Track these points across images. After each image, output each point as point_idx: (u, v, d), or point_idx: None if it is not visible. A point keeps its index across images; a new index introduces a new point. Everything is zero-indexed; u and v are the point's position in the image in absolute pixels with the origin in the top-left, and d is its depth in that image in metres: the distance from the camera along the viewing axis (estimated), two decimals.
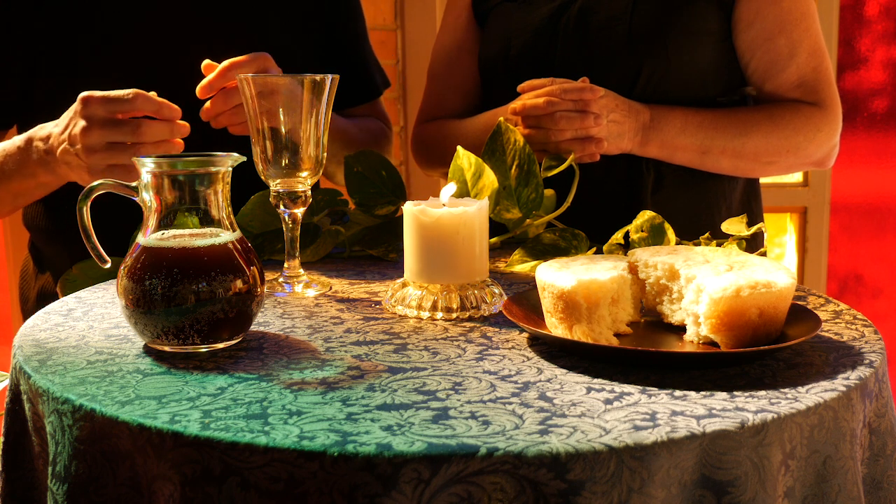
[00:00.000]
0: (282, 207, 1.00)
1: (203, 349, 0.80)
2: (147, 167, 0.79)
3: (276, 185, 0.99)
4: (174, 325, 0.78)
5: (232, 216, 0.84)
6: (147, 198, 0.81)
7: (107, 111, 1.04)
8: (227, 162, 0.81)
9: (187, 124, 1.08)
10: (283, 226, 1.02)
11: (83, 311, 0.94)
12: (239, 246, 0.82)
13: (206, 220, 0.81)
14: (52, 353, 0.80)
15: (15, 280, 2.23)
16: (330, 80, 0.97)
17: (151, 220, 0.81)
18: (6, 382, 0.83)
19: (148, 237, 0.80)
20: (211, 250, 0.79)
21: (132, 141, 1.05)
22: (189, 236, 0.80)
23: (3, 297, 2.27)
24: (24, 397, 0.77)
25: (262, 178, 1.01)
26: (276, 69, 1.15)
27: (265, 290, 0.87)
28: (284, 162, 0.98)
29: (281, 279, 1.03)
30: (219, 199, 0.82)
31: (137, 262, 0.79)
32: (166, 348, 0.79)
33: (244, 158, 0.84)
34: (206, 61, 1.13)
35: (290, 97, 0.96)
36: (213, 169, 0.81)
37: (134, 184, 0.82)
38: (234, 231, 0.83)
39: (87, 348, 0.81)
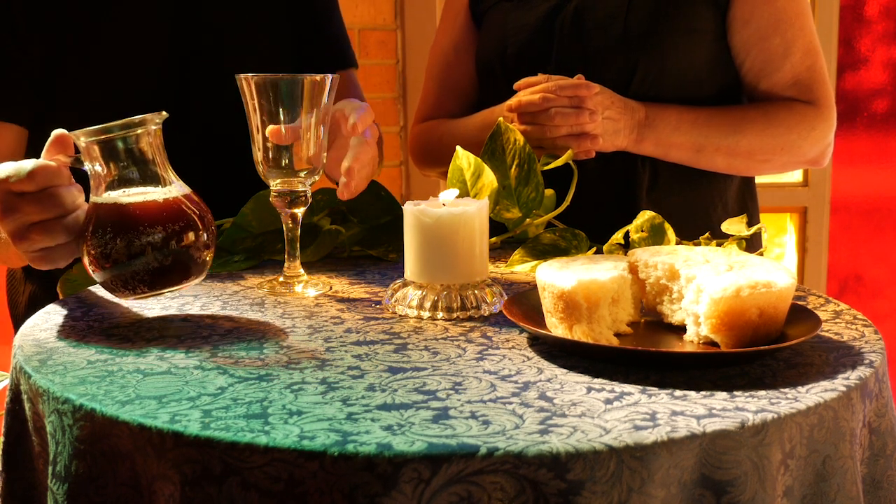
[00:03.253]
0: (282, 207, 1.00)
1: (150, 296, 0.87)
2: (82, 139, 0.85)
3: (276, 185, 0.99)
4: (117, 277, 0.84)
5: (172, 171, 0.89)
6: (89, 167, 0.86)
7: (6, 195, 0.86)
8: (156, 119, 0.86)
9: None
10: (283, 226, 1.02)
11: (83, 311, 0.94)
12: (177, 198, 0.87)
13: (151, 177, 0.87)
14: (53, 353, 0.80)
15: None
16: (330, 80, 0.98)
17: (101, 188, 0.86)
18: (6, 382, 0.83)
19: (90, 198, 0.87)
20: (142, 206, 0.85)
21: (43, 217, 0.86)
22: (122, 195, 0.86)
23: (3, 297, 2.27)
24: (25, 397, 0.77)
25: (262, 178, 1.00)
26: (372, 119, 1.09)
27: (213, 239, 0.90)
28: (284, 162, 0.98)
29: (281, 279, 1.03)
30: (156, 156, 0.87)
31: (85, 223, 0.86)
32: (130, 299, 0.88)
33: (167, 115, 0.88)
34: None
35: (289, 97, 0.96)
36: (142, 129, 0.86)
37: (77, 156, 0.87)
38: (177, 185, 0.88)
39: (87, 348, 0.81)
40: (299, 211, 1.01)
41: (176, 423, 0.63)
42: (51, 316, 0.92)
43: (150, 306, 0.96)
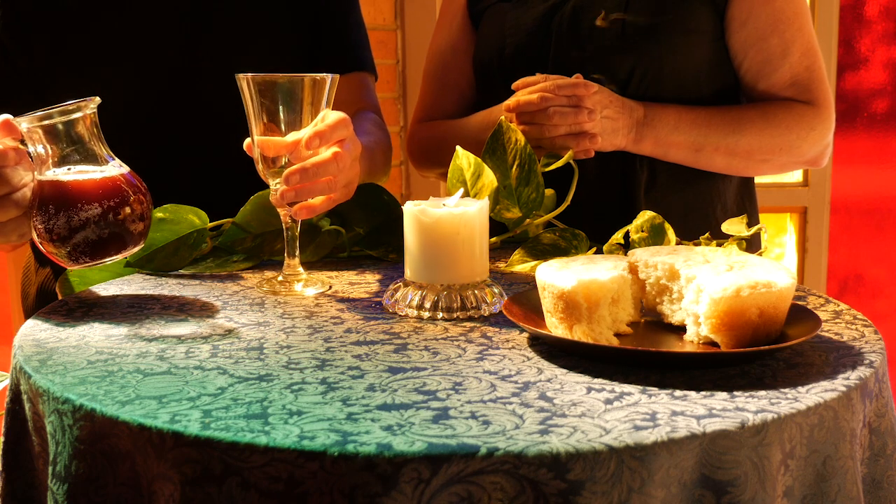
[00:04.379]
0: (281, 206, 1.00)
1: (93, 265, 0.93)
2: (24, 124, 0.90)
3: (275, 185, 0.99)
4: (62, 249, 0.90)
5: (109, 151, 0.95)
6: (32, 149, 0.92)
7: None
8: (90, 105, 0.93)
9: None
10: (283, 225, 1.02)
11: (83, 311, 0.94)
12: (114, 176, 0.93)
13: (90, 157, 0.93)
14: (53, 353, 0.80)
15: (15, 279, 2.23)
16: (330, 80, 0.97)
17: (44, 167, 0.92)
18: (6, 382, 0.83)
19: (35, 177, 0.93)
20: (81, 183, 0.91)
21: None
22: (63, 173, 0.92)
23: (3, 297, 2.27)
24: (25, 397, 0.77)
25: (262, 177, 1.00)
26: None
27: (148, 212, 0.95)
28: (283, 161, 0.98)
29: (280, 278, 1.03)
30: (92, 138, 0.94)
31: (31, 200, 0.91)
32: (76, 267, 0.94)
33: (100, 100, 0.93)
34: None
35: (289, 96, 0.96)
36: (79, 114, 0.92)
37: (21, 140, 0.92)
38: (114, 164, 0.94)
39: (87, 348, 0.81)
40: None
41: (176, 423, 0.63)
42: (51, 316, 0.92)
43: (150, 306, 0.96)
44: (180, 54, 1.29)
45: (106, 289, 1.04)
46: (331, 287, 1.04)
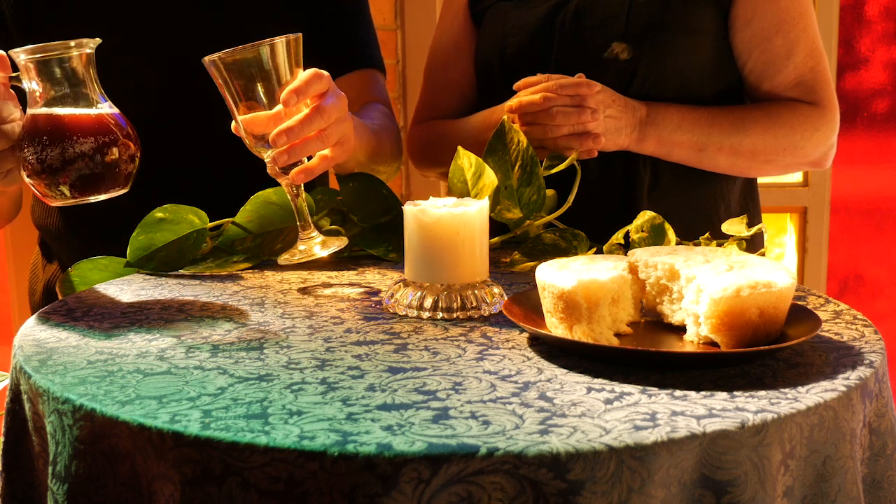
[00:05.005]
0: (279, 176, 0.99)
1: (78, 202, 0.93)
2: (21, 56, 0.91)
3: (268, 157, 0.98)
4: (51, 183, 0.91)
5: (103, 93, 0.96)
6: (27, 84, 0.93)
7: None
8: (90, 44, 0.94)
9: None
10: (288, 196, 1.01)
11: (83, 311, 0.94)
12: (107, 115, 0.94)
13: (83, 98, 0.94)
14: (53, 353, 0.80)
15: (15, 279, 2.23)
16: (294, 39, 0.97)
17: (38, 104, 0.92)
18: (6, 382, 0.83)
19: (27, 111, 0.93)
20: (76, 118, 0.92)
21: None
22: (58, 108, 0.92)
23: (3, 298, 2.27)
24: (25, 397, 0.77)
25: (254, 152, 0.99)
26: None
27: (138, 154, 0.96)
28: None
29: (302, 247, 1.02)
30: (87, 79, 0.95)
31: (22, 134, 0.92)
32: (59, 204, 0.94)
33: (101, 40, 0.95)
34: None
35: (260, 67, 0.95)
36: (77, 52, 0.93)
37: (16, 74, 0.93)
38: (107, 105, 0.96)
39: (87, 348, 0.81)
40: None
41: (176, 423, 0.63)
42: (51, 316, 0.92)
43: (150, 306, 0.96)
44: (183, 55, 1.29)
45: (106, 289, 1.04)
46: (347, 246, 1.03)
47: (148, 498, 0.65)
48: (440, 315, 0.90)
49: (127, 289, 1.04)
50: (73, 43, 0.92)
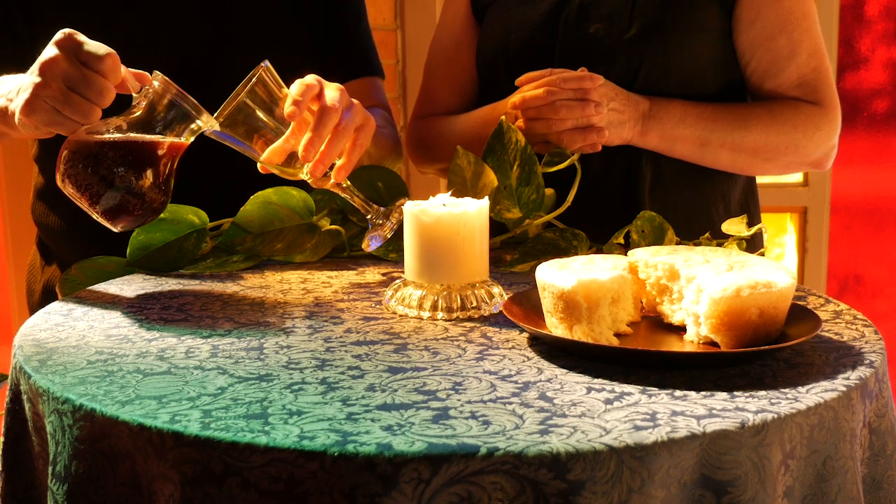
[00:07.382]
0: (323, 185, 1.03)
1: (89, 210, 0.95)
2: (156, 82, 0.94)
3: (306, 173, 1.01)
4: (98, 194, 0.92)
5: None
6: (143, 103, 0.95)
7: (75, 68, 0.90)
8: (213, 123, 0.96)
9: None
10: (343, 198, 1.05)
11: (83, 311, 0.94)
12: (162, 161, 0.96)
13: (166, 129, 0.96)
14: (53, 353, 0.80)
15: (15, 279, 2.24)
16: (265, 69, 0.98)
17: (133, 121, 0.94)
18: (6, 382, 0.83)
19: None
20: (142, 146, 0.94)
21: (73, 118, 0.92)
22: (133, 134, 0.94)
23: (2, 298, 2.27)
24: (25, 397, 0.77)
25: (296, 178, 1.03)
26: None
27: (161, 209, 0.98)
28: (292, 159, 1.00)
29: (370, 226, 1.06)
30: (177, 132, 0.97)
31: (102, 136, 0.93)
32: (88, 207, 0.94)
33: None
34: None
35: (250, 110, 0.98)
36: (196, 119, 0.96)
37: (144, 88, 0.94)
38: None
39: (87, 348, 0.81)
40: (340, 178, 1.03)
41: (176, 423, 0.63)
42: (51, 316, 0.92)
43: (150, 306, 0.96)
44: (191, 66, 1.29)
45: (106, 289, 1.04)
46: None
47: (148, 498, 0.65)
48: (440, 315, 0.90)
49: (127, 289, 1.04)
50: (206, 114, 0.95)
